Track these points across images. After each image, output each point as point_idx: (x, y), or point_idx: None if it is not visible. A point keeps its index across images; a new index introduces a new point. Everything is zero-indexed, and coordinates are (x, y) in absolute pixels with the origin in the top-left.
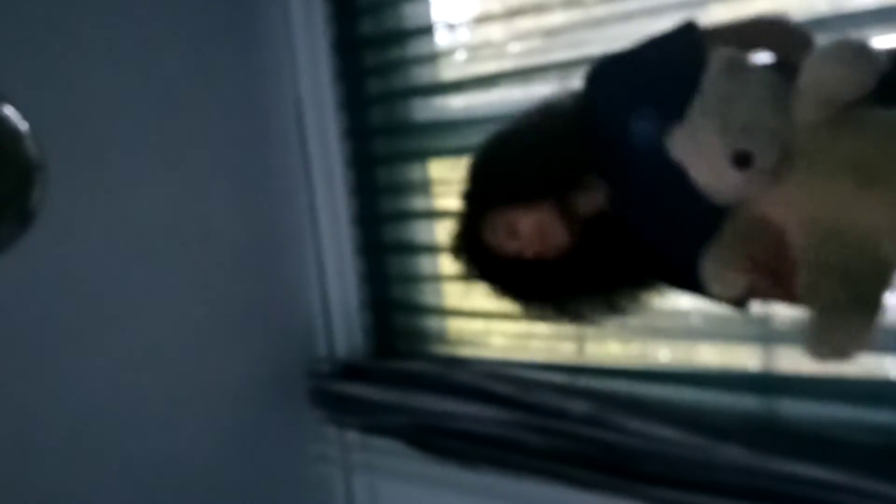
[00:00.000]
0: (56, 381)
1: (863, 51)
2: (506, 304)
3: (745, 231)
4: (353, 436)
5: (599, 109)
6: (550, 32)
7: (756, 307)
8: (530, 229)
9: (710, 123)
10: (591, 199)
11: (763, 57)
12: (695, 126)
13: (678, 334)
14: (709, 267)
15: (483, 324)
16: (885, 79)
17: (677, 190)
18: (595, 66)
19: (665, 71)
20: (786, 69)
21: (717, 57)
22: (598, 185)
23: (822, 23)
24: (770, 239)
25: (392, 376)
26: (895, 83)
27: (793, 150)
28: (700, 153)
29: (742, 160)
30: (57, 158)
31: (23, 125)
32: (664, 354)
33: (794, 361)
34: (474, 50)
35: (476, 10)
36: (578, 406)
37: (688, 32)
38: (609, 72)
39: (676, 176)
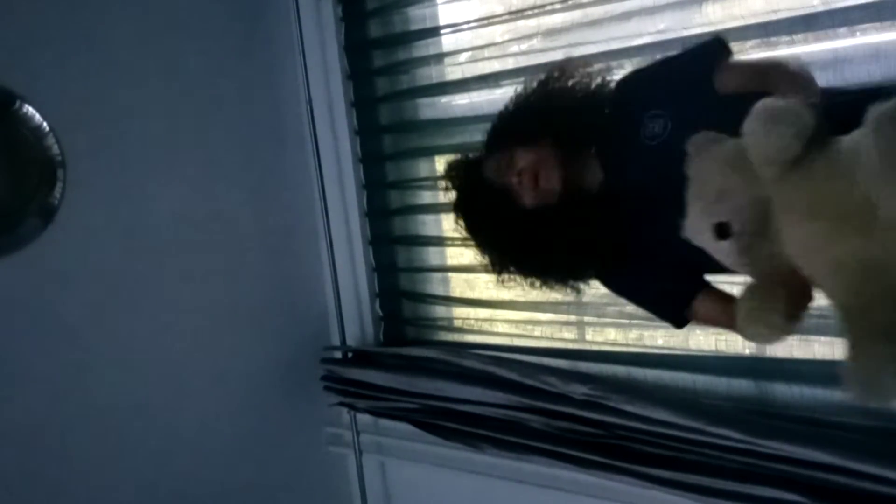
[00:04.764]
0: (80, 369)
1: (781, 115)
2: (509, 293)
3: (775, 277)
4: (364, 418)
5: (618, 108)
6: (550, 33)
7: None
8: (528, 162)
9: (694, 207)
10: (587, 173)
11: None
12: (690, 212)
13: None
14: (747, 307)
15: (488, 312)
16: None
17: (670, 191)
18: (626, 74)
19: (683, 77)
20: None
21: (690, 143)
22: (597, 167)
23: (814, 18)
24: (798, 282)
25: (401, 362)
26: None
27: (770, 203)
28: (700, 235)
29: (722, 231)
30: (78, 156)
31: (45, 123)
32: (661, 340)
33: (786, 347)
34: (477, 51)
35: (479, 12)
36: (578, 390)
37: (713, 44)
38: (635, 79)
39: (671, 177)
